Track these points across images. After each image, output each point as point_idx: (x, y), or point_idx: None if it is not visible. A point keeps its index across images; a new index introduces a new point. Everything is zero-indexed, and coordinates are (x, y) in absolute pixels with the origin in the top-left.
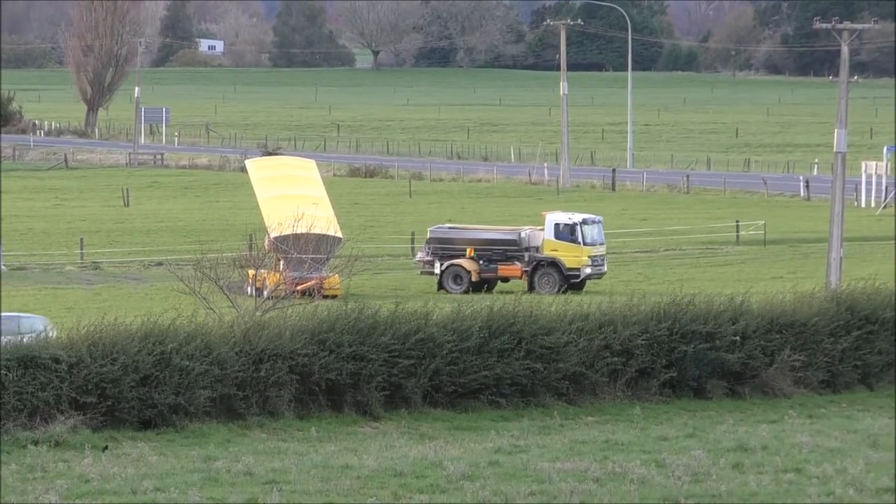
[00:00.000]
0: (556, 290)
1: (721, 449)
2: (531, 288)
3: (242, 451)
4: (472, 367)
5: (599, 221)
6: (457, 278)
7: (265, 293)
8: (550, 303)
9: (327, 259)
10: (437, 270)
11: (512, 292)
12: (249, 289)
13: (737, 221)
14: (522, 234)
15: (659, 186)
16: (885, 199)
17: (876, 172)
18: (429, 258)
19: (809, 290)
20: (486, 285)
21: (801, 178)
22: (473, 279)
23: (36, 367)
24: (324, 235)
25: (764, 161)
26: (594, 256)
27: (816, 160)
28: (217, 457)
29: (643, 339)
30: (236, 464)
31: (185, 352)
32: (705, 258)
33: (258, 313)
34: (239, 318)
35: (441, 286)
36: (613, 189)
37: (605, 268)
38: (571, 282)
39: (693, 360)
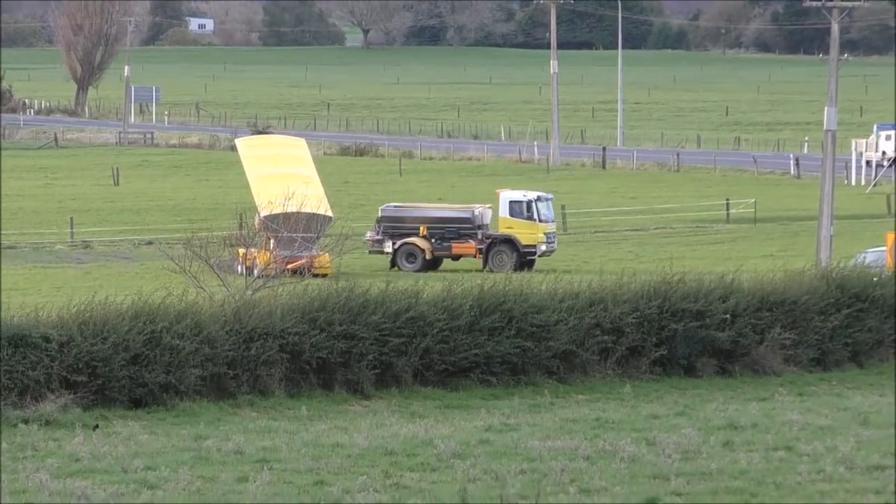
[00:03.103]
0: (511, 267)
1: (711, 427)
2: (485, 265)
3: (233, 430)
4: (462, 346)
5: (550, 199)
6: (410, 256)
7: (255, 272)
8: (541, 281)
9: (317, 238)
10: (389, 249)
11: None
12: (240, 267)
13: (727, 199)
14: (476, 212)
15: (649, 165)
16: (875, 177)
17: (866, 150)
18: (378, 237)
19: (800, 268)
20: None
21: (792, 155)
22: (427, 257)
23: (26, 346)
24: (314, 214)
25: (754, 139)
26: (547, 233)
27: (806, 138)
28: (208, 435)
29: (634, 318)
30: (227, 442)
31: (176, 331)
32: (696, 236)
33: (248, 292)
34: (229, 296)
35: (394, 264)
36: (604, 167)
37: (556, 245)
38: (528, 259)
39: (683, 339)
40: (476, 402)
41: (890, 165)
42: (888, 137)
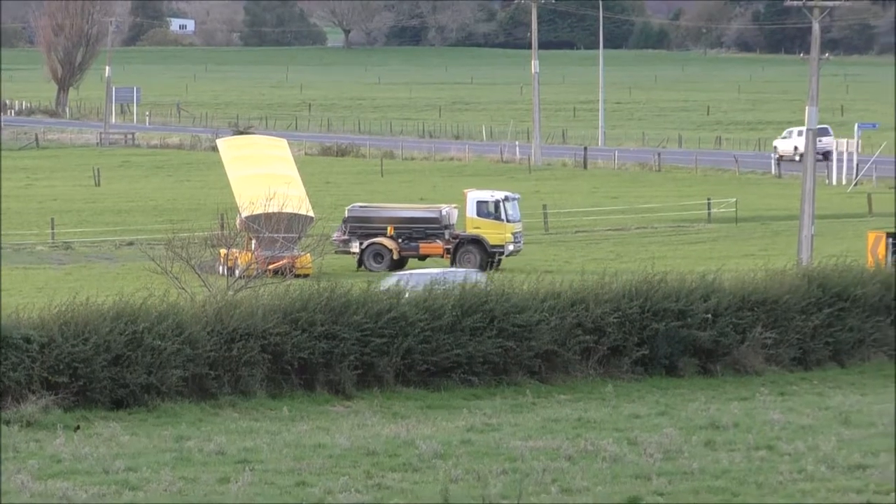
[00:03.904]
0: (478, 267)
1: (693, 426)
2: (453, 265)
3: (214, 431)
4: (444, 346)
5: (517, 199)
6: (377, 256)
7: (237, 272)
8: (522, 281)
9: (299, 238)
10: (356, 249)
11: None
12: (221, 268)
13: (708, 199)
14: (443, 212)
15: (630, 164)
16: (857, 176)
17: (847, 150)
18: (345, 237)
19: (781, 267)
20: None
21: (773, 155)
22: (395, 257)
23: (7, 347)
24: (295, 214)
25: (735, 138)
26: (515, 233)
27: None
28: (189, 436)
29: (615, 317)
30: (208, 443)
31: (157, 331)
32: (677, 236)
33: (230, 293)
34: (211, 297)
35: (361, 264)
36: (585, 167)
37: (523, 244)
38: (497, 258)
39: (665, 338)
40: (458, 402)
41: (778, 162)
42: (789, 134)
